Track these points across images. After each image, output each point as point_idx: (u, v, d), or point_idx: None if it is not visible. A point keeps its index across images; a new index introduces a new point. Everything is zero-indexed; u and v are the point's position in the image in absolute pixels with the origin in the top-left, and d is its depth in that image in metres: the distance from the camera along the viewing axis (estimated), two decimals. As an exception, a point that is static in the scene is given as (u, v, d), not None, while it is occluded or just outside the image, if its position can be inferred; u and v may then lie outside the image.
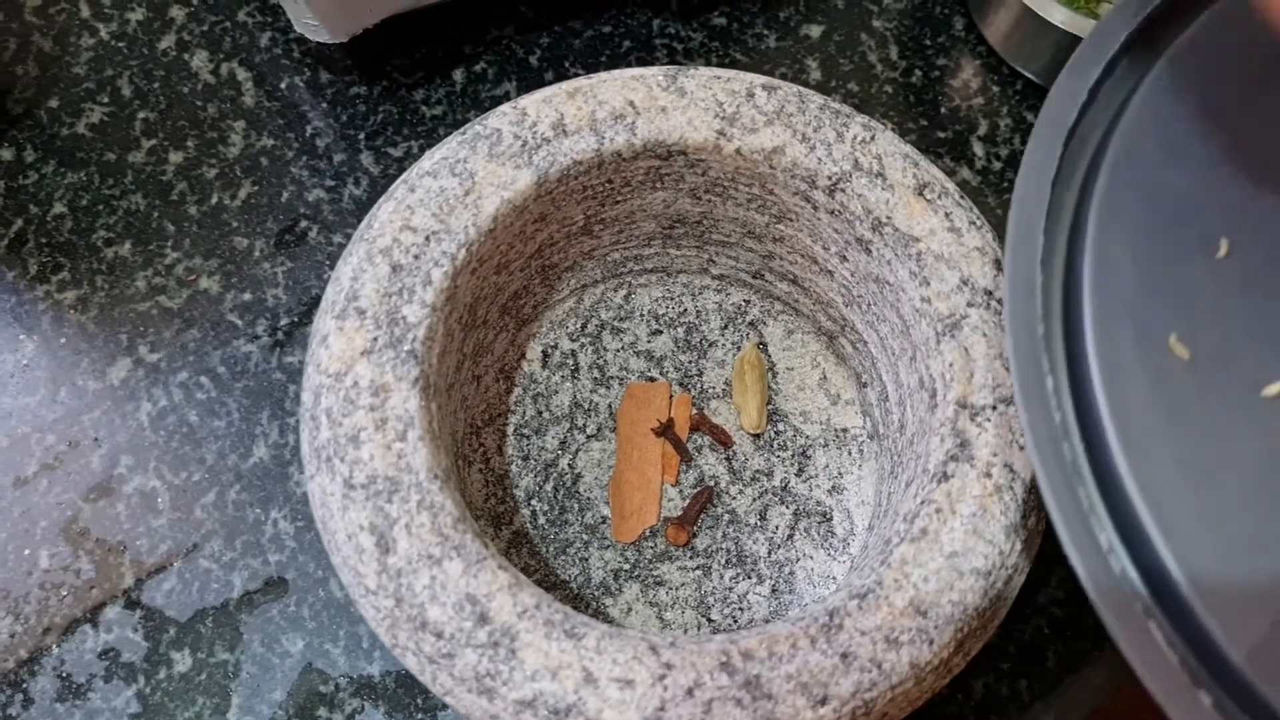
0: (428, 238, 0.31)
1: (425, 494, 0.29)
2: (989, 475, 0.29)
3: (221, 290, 0.43)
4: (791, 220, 0.35)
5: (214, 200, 0.45)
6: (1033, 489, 0.30)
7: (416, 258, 0.31)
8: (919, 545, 0.29)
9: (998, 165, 0.47)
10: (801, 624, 0.28)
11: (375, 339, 0.30)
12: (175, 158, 0.46)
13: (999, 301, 0.31)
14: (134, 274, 0.43)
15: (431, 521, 0.28)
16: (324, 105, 0.47)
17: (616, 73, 0.33)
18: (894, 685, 0.28)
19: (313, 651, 0.38)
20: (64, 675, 0.38)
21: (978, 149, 0.47)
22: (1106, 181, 0.28)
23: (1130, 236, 0.28)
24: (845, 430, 0.39)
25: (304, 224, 0.45)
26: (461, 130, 0.33)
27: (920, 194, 0.32)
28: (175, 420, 0.41)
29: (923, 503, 0.29)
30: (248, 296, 0.43)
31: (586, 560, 0.37)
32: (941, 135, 0.47)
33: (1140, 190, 0.28)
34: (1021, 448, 0.30)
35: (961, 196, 0.32)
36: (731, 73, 0.33)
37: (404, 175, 0.33)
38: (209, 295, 0.43)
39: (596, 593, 0.37)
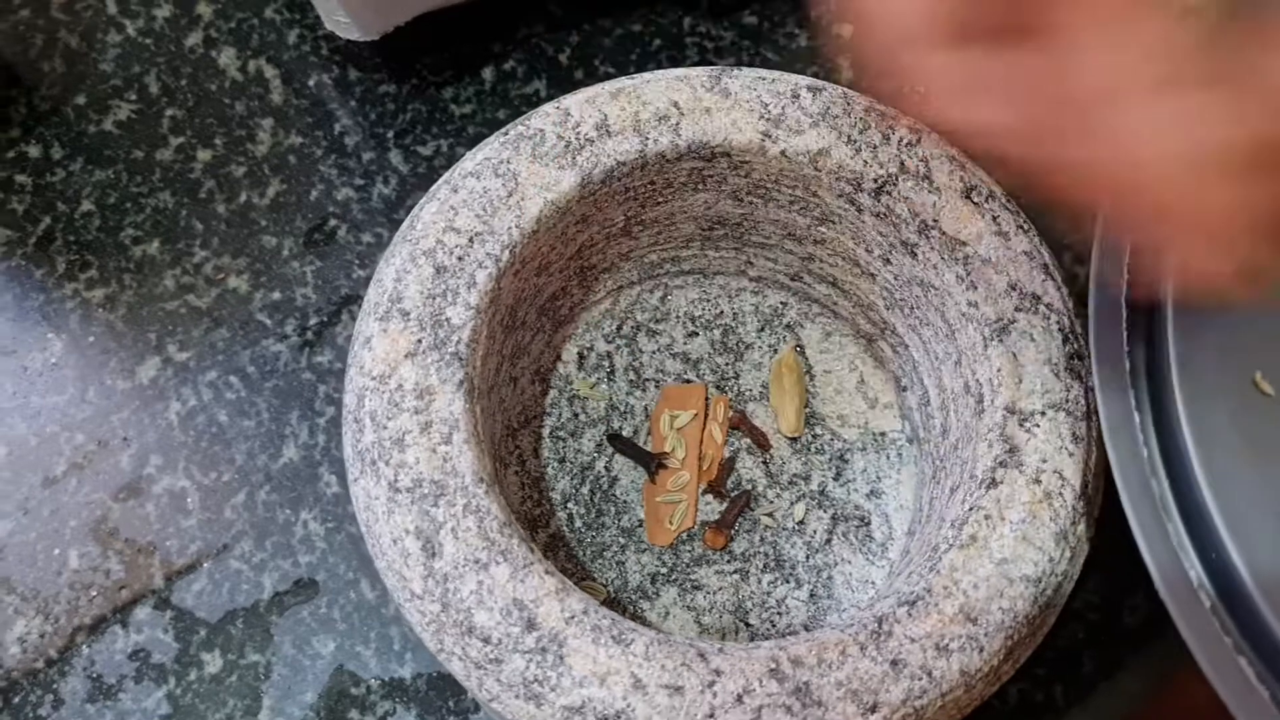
0: (471, 239, 0.31)
1: (471, 498, 0.28)
2: (1038, 481, 0.29)
3: (250, 289, 0.43)
4: (834, 223, 0.35)
5: (242, 198, 0.45)
6: (1082, 496, 0.29)
7: (460, 259, 0.31)
8: (968, 552, 0.28)
9: (1031, 167, 0.47)
10: (851, 630, 0.28)
11: (419, 341, 0.30)
12: (203, 155, 0.45)
13: (1047, 306, 0.31)
14: (162, 272, 0.43)
15: (478, 525, 0.28)
16: (352, 103, 0.47)
17: (660, 73, 0.33)
18: (944, 693, 0.27)
19: (344, 653, 0.38)
20: (94, 676, 0.38)
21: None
22: None
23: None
24: (884, 434, 0.38)
25: (333, 223, 0.44)
26: (504, 130, 0.33)
27: (968, 197, 0.32)
28: (205, 420, 0.41)
29: (971, 509, 0.29)
30: (277, 295, 0.43)
31: (623, 564, 0.37)
32: (972, 136, 0.47)
33: None
34: (1071, 454, 0.29)
35: (1009, 199, 0.32)
36: (776, 74, 0.33)
37: (446, 175, 0.32)
38: (238, 294, 0.43)
39: (634, 596, 0.36)
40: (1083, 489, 0.29)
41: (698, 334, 0.40)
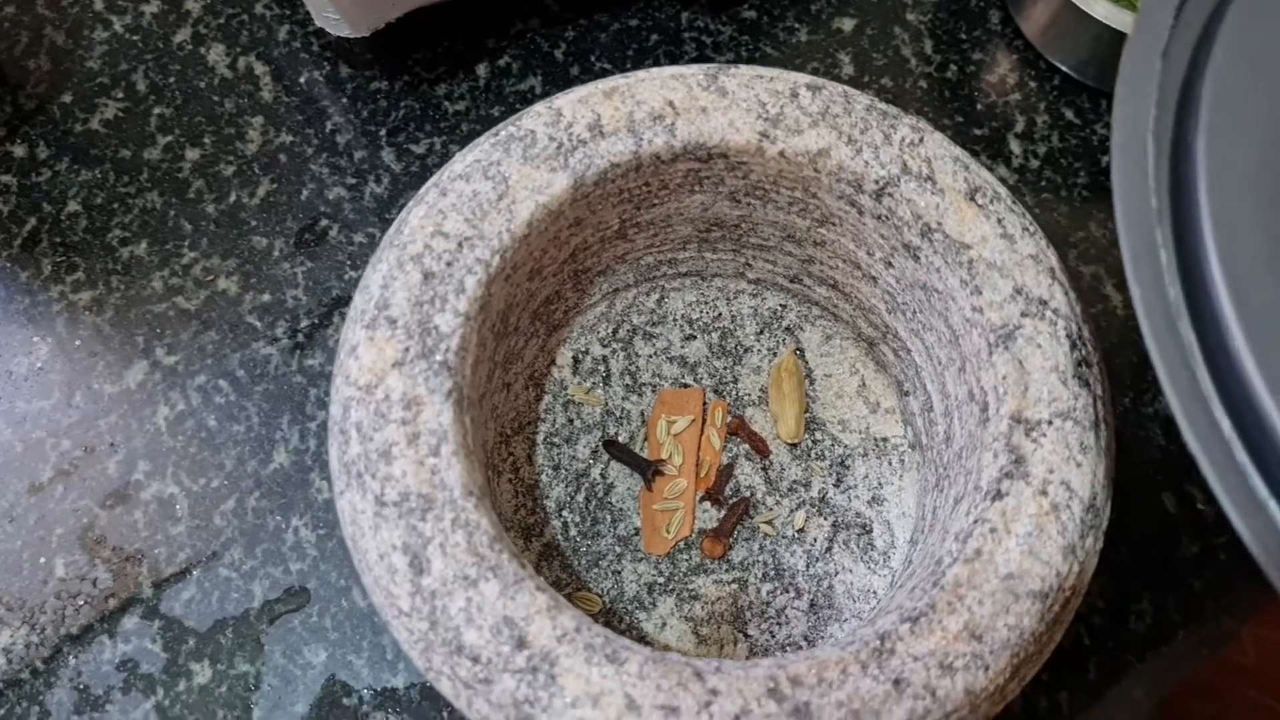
0: (460, 244, 0.30)
1: (460, 512, 0.27)
2: (1045, 493, 0.28)
3: (240, 291, 0.42)
4: (835, 225, 0.34)
5: (232, 198, 0.44)
6: (1090, 508, 0.28)
7: (449, 265, 0.30)
8: (973, 567, 0.28)
9: (1035, 163, 0.46)
10: (852, 649, 0.27)
11: (407, 349, 0.29)
12: (192, 154, 0.45)
13: (1054, 312, 0.30)
14: (150, 274, 0.43)
15: (467, 541, 0.27)
16: (344, 100, 0.46)
17: (655, 71, 0.32)
18: (948, 713, 0.26)
19: (335, 663, 0.37)
20: (81, 687, 0.37)
21: (1015, 146, 0.46)
22: (1220, 55, 0.26)
23: (1248, 112, 0.26)
24: (885, 440, 0.37)
25: (324, 223, 0.44)
26: (494, 131, 0.32)
27: (971, 199, 0.31)
28: (193, 425, 0.40)
29: (976, 521, 0.28)
30: (267, 297, 0.42)
31: (619, 573, 0.36)
32: (978, 132, 0.46)
33: (1258, 61, 0.26)
34: (1079, 464, 0.29)
35: (1014, 201, 0.31)
36: (775, 71, 0.32)
37: (434, 178, 0.31)
38: (227, 296, 0.42)
39: (630, 606, 0.36)
40: (1091, 501, 0.28)
41: (695, 337, 0.39)
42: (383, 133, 0.45)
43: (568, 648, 0.26)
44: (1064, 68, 0.47)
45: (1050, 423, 0.29)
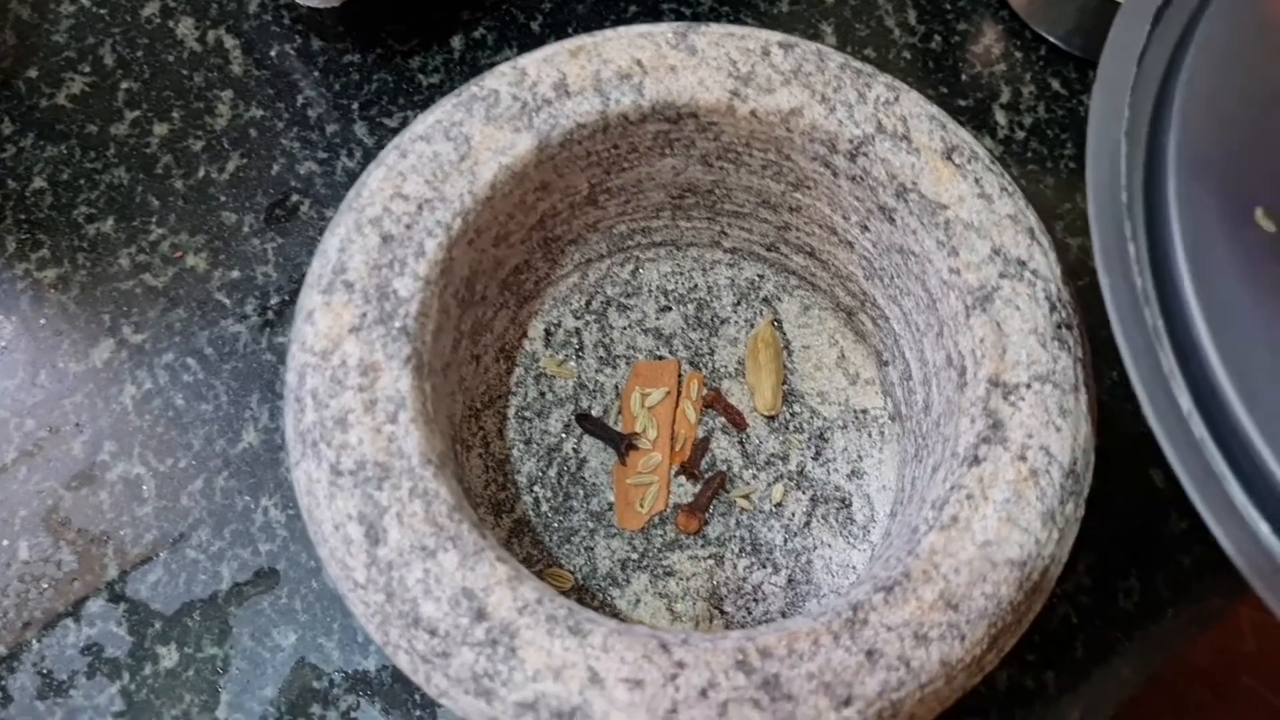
0: (420, 206, 0.29)
1: (418, 480, 0.27)
2: (1023, 459, 0.27)
3: (209, 268, 0.41)
4: (809, 188, 0.33)
5: (201, 174, 0.43)
6: (1070, 474, 0.28)
7: (408, 227, 0.29)
8: (949, 534, 0.27)
9: (1021, 134, 0.45)
10: (824, 619, 0.26)
11: (364, 314, 0.28)
12: (160, 130, 0.44)
13: (1033, 273, 0.29)
14: (117, 251, 0.42)
15: (425, 510, 0.26)
16: (316, 74, 0.45)
17: (622, 30, 0.31)
18: (923, 684, 0.26)
19: (305, 645, 0.36)
20: (44, 672, 0.36)
21: (1000, 117, 0.45)
22: (1195, 59, 0.28)
23: (1218, 113, 0.27)
24: (865, 411, 0.36)
25: (295, 198, 0.43)
26: (457, 92, 0.31)
27: (948, 158, 0.30)
28: (161, 404, 0.39)
29: (952, 488, 0.27)
30: (236, 274, 0.41)
31: (592, 549, 0.35)
32: (962, 103, 0.45)
33: (1230, 67, 0.28)
34: (1059, 429, 0.28)
35: (992, 161, 0.30)
36: (745, 30, 0.31)
37: (395, 140, 0.30)
38: (195, 273, 0.41)
39: (603, 583, 0.35)
40: (1071, 466, 0.28)
41: (670, 309, 0.38)
42: (355, 106, 0.44)
43: (529, 619, 0.26)
44: (1050, 38, 0.46)
45: (1029, 386, 0.28)
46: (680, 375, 0.37)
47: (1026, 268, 0.29)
